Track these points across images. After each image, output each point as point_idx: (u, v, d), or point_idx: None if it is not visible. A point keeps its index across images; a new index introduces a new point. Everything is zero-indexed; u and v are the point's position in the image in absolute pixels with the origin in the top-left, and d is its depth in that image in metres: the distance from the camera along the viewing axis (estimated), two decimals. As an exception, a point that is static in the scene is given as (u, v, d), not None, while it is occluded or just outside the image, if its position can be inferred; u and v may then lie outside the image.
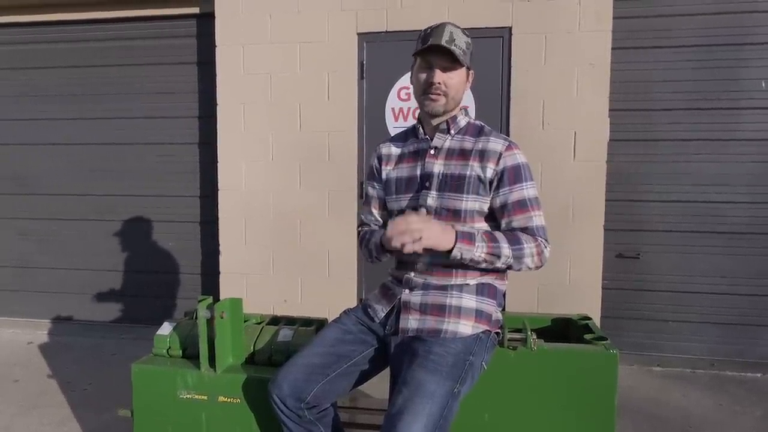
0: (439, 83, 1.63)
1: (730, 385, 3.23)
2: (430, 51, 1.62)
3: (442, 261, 1.63)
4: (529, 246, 1.59)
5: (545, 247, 1.62)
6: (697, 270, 3.50)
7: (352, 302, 3.57)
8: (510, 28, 3.39)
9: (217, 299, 1.89)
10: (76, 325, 4.29)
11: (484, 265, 1.59)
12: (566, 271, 3.41)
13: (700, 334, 3.53)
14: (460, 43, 1.63)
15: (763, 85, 3.38)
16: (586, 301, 3.39)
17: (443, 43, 1.59)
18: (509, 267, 1.62)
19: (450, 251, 1.54)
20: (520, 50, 3.38)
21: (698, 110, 3.44)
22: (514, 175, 1.63)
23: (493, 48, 3.41)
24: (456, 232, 1.55)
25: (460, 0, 3.40)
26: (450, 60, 1.62)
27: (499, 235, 1.60)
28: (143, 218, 4.18)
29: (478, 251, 1.55)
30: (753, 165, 3.41)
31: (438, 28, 1.63)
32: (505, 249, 1.57)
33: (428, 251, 1.57)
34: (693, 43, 3.41)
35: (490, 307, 1.67)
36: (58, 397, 3.06)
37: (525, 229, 1.62)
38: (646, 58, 3.46)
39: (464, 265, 1.64)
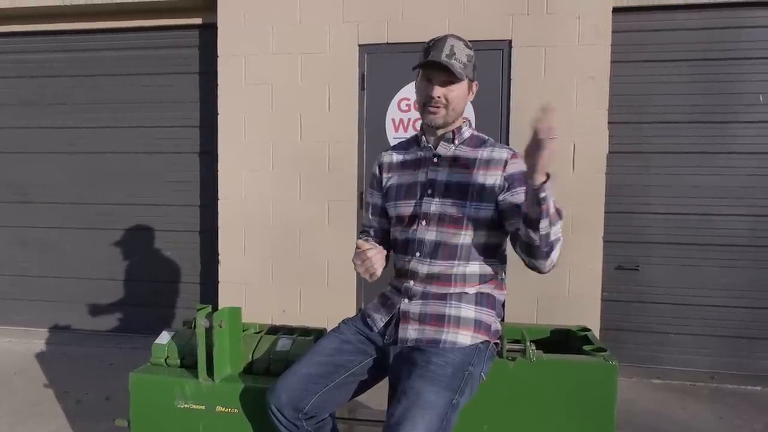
0: (438, 97, 1.65)
1: (730, 398, 3.22)
2: (429, 66, 1.64)
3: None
4: (561, 239, 1.53)
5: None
6: (696, 282, 3.50)
7: (352, 312, 3.56)
8: (510, 41, 3.42)
9: (215, 308, 1.89)
10: (74, 334, 4.28)
11: (546, 221, 1.46)
12: (566, 283, 3.41)
13: (700, 347, 3.52)
14: (461, 57, 1.63)
15: (761, 99, 3.41)
16: (585, 312, 3.39)
17: (442, 58, 1.60)
18: (550, 246, 1.50)
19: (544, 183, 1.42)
20: (519, 63, 3.41)
21: (696, 123, 3.46)
22: (524, 180, 1.63)
23: (493, 60, 3.44)
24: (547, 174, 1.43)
25: (460, 12, 3.43)
26: (449, 74, 1.63)
27: None
28: (142, 227, 4.18)
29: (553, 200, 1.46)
30: (752, 178, 3.42)
31: (439, 42, 1.64)
32: (560, 223, 1.50)
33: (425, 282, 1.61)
34: (691, 57, 3.44)
35: (489, 317, 1.67)
36: (55, 406, 3.04)
37: None
38: (644, 72, 3.49)
39: (463, 275, 1.65)
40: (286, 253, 3.73)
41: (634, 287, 3.56)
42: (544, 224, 1.46)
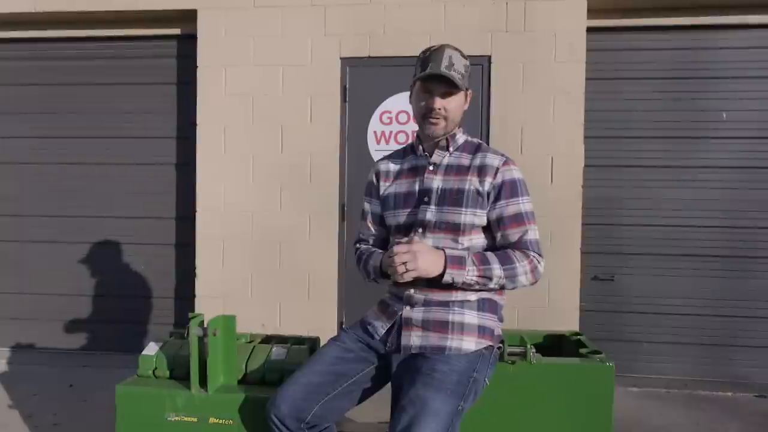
0: (439, 109, 1.66)
1: (704, 404, 3.31)
2: (429, 78, 1.65)
3: (438, 285, 1.63)
4: (521, 264, 1.60)
5: (539, 262, 1.64)
6: (669, 292, 3.62)
7: (332, 326, 3.51)
8: (489, 57, 3.50)
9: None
10: (39, 353, 4.08)
11: (476, 287, 1.61)
12: (545, 293, 3.46)
13: (673, 355, 3.62)
14: (459, 67, 1.65)
15: (724, 116, 3.58)
16: (564, 321, 3.43)
17: (442, 69, 1.61)
18: (503, 287, 1.64)
19: (441, 276, 1.55)
20: (499, 78, 3.49)
21: (667, 138, 3.61)
22: (511, 189, 1.67)
23: (474, 75, 3.48)
24: (446, 257, 1.56)
25: (441, 28, 3.50)
26: (449, 86, 1.64)
27: (490, 255, 1.61)
28: (114, 241, 4.05)
29: (470, 274, 1.57)
30: (721, 191, 3.58)
31: (437, 52, 1.65)
32: (497, 270, 1.58)
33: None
34: (661, 76, 3.61)
35: (491, 322, 1.68)
36: (22, 428, 2.87)
37: (518, 243, 1.64)
38: (618, 89, 3.62)
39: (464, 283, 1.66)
40: (266, 265, 3.67)
41: (610, 297, 3.65)
42: (487, 286, 1.62)
